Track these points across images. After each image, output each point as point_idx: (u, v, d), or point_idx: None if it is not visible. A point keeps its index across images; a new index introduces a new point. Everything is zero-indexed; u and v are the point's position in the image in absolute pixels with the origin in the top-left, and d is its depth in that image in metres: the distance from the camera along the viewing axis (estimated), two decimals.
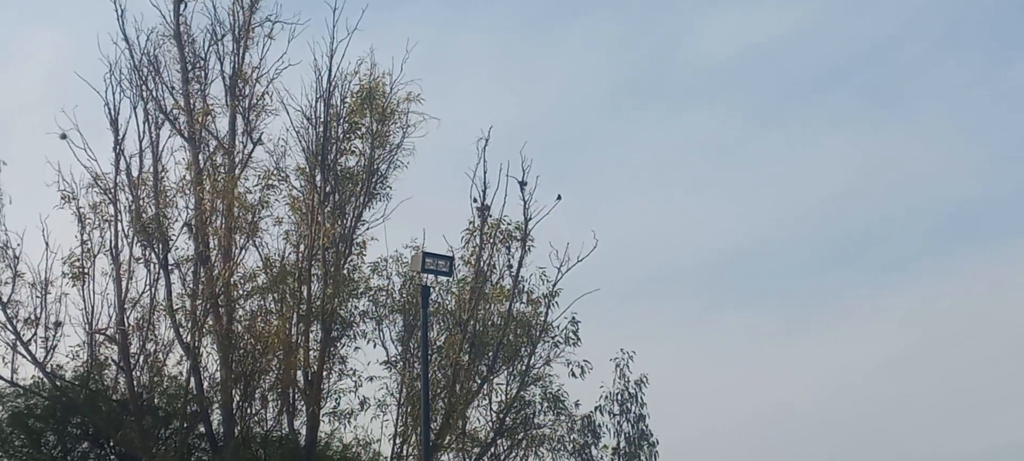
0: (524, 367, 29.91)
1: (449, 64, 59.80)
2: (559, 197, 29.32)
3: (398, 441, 29.23)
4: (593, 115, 68.49)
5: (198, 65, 30.24)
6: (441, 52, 60.51)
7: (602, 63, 70.23)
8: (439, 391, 28.85)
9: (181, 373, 29.50)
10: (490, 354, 29.41)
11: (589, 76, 69.96)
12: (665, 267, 64.97)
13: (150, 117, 29.68)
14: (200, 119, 29.67)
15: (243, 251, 29.06)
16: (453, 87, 54.92)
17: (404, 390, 29.36)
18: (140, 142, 29.42)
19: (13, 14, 59.77)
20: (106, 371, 29.32)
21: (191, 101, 29.91)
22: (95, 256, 28.95)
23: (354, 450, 31.71)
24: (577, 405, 31.51)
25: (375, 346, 29.90)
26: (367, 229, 29.36)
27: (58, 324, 28.66)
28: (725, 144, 68.57)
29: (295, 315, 28.35)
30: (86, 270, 28.80)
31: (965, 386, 56.30)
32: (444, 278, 28.51)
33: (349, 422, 29.86)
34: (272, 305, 28.76)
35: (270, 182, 29.48)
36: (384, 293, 30.10)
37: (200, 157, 29.56)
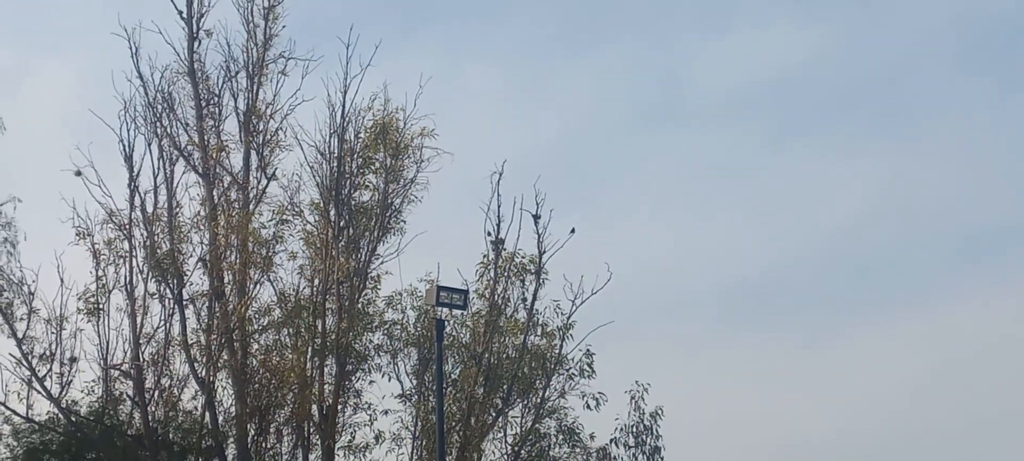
0: (539, 400, 29.88)
1: (460, 92, 59.97)
2: (573, 230, 29.41)
3: None
4: (605, 142, 68.43)
5: (212, 101, 30.42)
6: (452, 81, 60.71)
7: (613, 90, 70.28)
8: (454, 424, 28.82)
9: (196, 408, 29.49)
10: (505, 387, 29.39)
11: (600, 103, 70.01)
12: (680, 293, 64.74)
13: (165, 153, 29.88)
14: (214, 155, 29.80)
15: (258, 286, 29.16)
16: (464, 116, 55.01)
17: (419, 423, 29.31)
18: (155, 178, 29.65)
19: (27, 51, 60.16)
20: (121, 406, 29.33)
21: (205, 137, 30.08)
22: (110, 292, 29.06)
23: None
24: (592, 437, 31.41)
25: (390, 380, 29.90)
26: (381, 263, 29.50)
27: (73, 360, 28.74)
28: (739, 169, 68.48)
29: (310, 349, 28.39)
30: (101, 306, 28.88)
31: (984, 412, 56.05)
32: (459, 311, 28.53)
33: (364, 456, 29.77)
34: (287, 339, 28.82)
35: (284, 217, 29.58)
36: (399, 327, 30.08)
37: (214, 193, 29.70)
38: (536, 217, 29.53)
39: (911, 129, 68.25)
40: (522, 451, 30.00)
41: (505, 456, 29.93)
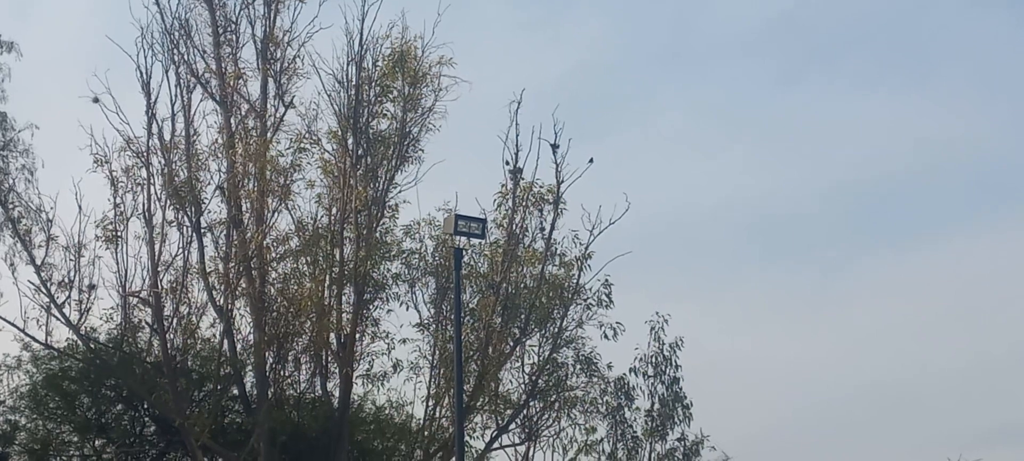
0: (557, 329, 29.88)
1: (476, 24, 59.70)
2: (591, 160, 29.24)
3: (431, 403, 29.26)
4: (621, 75, 68.26)
5: (229, 29, 30.26)
6: (468, 11, 60.37)
7: (629, 24, 69.97)
8: (472, 353, 28.85)
9: (214, 336, 29.63)
10: (522, 316, 29.36)
11: (616, 37, 69.73)
12: (694, 230, 64.89)
13: (182, 81, 29.72)
14: (232, 83, 29.66)
15: (275, 214, 29.10)
16: (475, 49, 54.76)
17: (437, 352, 29.36)
18: (172, 106, 29.47)
19: None
20: (140, 334, 29.40)
21: (223, 65, 29.91)
22: (128, 219, 29.03)
23: (387, 412, 31.86)
24: (610, 367, 31.50)
25: (408, 309, 29.96)
26: (399, 192, 29.45)
27: (92, 287, 28.74)
28: (753, 104, 68.29)
29: (328, 278, 28.37)
30: (119, 233, 28.86)
31: (996, 346, 56.10)
32: (477, 241, 28.49)
33: (382, 384, 29.91)
34: (305, 268, 28.76)
35: (302, 145, 29.47)
36: (417, 256, 30.10)
37: (232, 121, 29.60)
38: (554, 146, 29.37)
39: (924, 65, 67.90)
40: (539, 380, 30.04)
41: (522, 385, 29.99)
